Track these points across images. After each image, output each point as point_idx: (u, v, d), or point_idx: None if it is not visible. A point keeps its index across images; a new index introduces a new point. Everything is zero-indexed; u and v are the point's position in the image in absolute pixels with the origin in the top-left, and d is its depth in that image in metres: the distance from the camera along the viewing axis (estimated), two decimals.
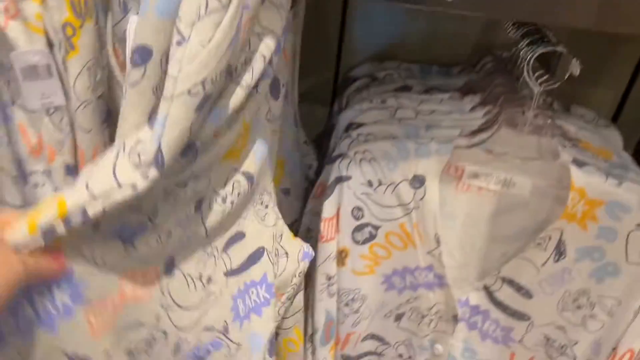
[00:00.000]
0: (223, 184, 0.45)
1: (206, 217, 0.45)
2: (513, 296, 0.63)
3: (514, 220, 0.59)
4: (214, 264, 0.49)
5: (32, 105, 0.39)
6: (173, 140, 0.35)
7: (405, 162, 0.58)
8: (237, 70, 0.40)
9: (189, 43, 0.33)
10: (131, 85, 0.35)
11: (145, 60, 0.35)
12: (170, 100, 0.34)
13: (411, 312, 0.68)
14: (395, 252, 0.64)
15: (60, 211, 0.34)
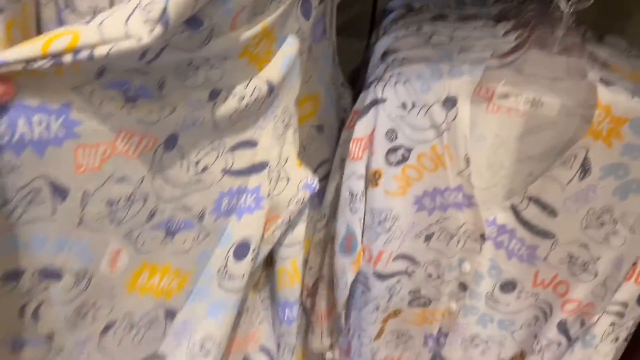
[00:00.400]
0: (242, 83, 0.49)
1: (217, 108, 0.49)
2: (539, 215, 0.66)
3: (541, 140, 0.62)
4: (215, 157, 0.53)
5: None
6: (180, 2, 0.38)
7: (438, 83, 0.61)
8: None
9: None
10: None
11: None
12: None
13: (440, 232, 0.72)
14: (426, 173, 0.67)
15: (72, 43, 0.37)
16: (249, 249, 0.58)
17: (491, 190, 0.68)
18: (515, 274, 0.72)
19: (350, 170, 0.67)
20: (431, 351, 0.86)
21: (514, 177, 0.66)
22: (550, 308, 0.73)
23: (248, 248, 0.58)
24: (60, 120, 0.40)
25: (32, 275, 0.44)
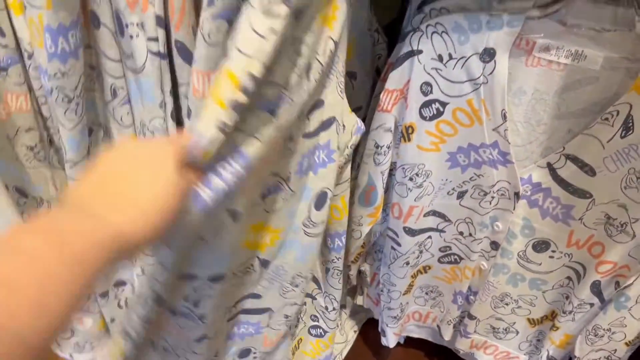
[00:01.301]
0: (320, 46, 0.49)
1: (309, 81, 0.49)
2: (576, 173, 0.64)
3: (582, 95, 0.60)
4: (298, 126, 0.54)
5: None
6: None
7: (476, 34, 0.59)
8: None
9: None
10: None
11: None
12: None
13: (474, 189, 0.71)
14: (461, 129, 0.66)
15: (235, 82, 0.38)
16: (327, 198, 0.62)
17: (527, 147, 0.66)
18: (549, 233, 0.71)
19: (378, 122, 0.67)
20: (460, 308, 0.86)
21: (552, 134, 0.64)
22: (583, 269, 0.72)
23: (326, 197, 0.62)
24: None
25: None
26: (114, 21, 0.50)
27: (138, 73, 0.50)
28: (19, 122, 0.56)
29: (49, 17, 0.44)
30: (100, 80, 0.54)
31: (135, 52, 0.49)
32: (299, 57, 0.45)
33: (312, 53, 0.48)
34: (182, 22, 0.48)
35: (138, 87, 0.52)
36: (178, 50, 0.50)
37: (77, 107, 0.51)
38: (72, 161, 0.55)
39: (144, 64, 0.49)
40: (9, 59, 0.52)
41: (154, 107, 0.51)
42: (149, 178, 0.34)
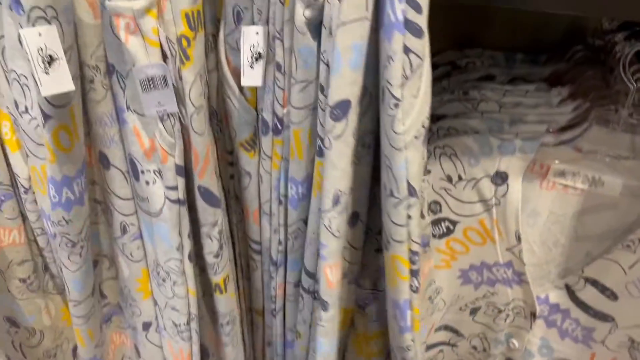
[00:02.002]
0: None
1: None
2: (597, 297, 0.61)
3: (601, 220, 0.57)
4: None
5: (148, 113, 0.43)
6: (417, 174, 0.41)
7: (487, 158, 0.57)
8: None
9: (403, 101, 0.37)
10: (336, 138, 0.40)
11: (346, 112, 0.39)
12: (405, 150, 0.39)
13: (487, 306, 0.68)
14: (473, 247, 0.63)
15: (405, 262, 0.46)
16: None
17: (544, 267, 0.63)
18: (569, 354, 0.66)
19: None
20: None
21: (570, 256, 0.61)
22: None
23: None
24: None
25: None
26: (126, 164, 0.48)
27: (154, 217, 0.48)
28: (11, 255, 0.54)
29: (53, 169, 0.43)
30: (108, 216, 0.52)
31: (151, 197, 0.47)
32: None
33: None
34: (206, 170, 0.47)
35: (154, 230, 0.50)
36: (202, 195, 0.48)
37: (82, 250, 0.49)
38: (76, 301, 0.53)
39: (160, 209, 0.47)
40: (2, 195, 0.50)
41: (170, 249, 0.49)
42: None
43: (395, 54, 0.37)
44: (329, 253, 0.46)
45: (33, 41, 0.36)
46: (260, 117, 0.48)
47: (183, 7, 0.39)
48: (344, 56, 0.38)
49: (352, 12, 0.36)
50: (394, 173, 0.40)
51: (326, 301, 0.47)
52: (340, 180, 0.43)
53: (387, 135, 0.39)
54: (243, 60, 0.43)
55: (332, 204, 0.44)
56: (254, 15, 0.42)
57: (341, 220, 0.45)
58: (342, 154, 0.41)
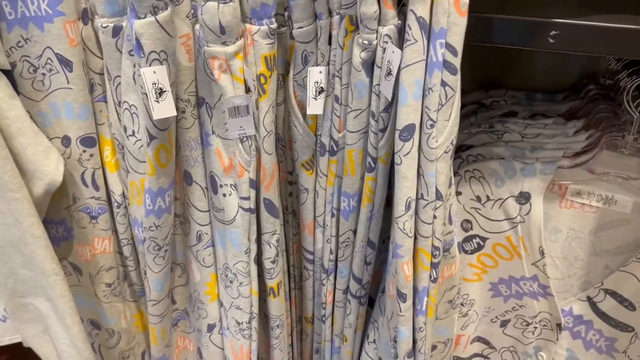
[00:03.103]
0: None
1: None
2: (616, 307, 0.66)
3: (616, 235, 0.64)
4: None
5: (232, 135, 0.53)
6: (444, 182, 0.50)
7: (511, 180, 0.65)
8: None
9: (437, 123, 0.48)
10: (405, 155, 0.49)
11: (412, 134, 0.49)
12: (436, 162, 0.49)
13: (516, 319, 0.74)
14: (501, 262, 0.70)
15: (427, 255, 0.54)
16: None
17: (567, 281, 0.69)
18: None
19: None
20: None
21: (590, 269, 0.67)
22: None
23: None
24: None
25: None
26: (206, 180, 0.58)
27: (227, 225, 0.57)
28: (102, 262, 0.63)
29: (151, 181, 0.53)
30: (186, 227, 0.62)
31: (226, 207, 0.57)
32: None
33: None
34: (271, 184, 0.56)
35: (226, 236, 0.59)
36: (266, 206, 0.58)
37: (165, 253, 0.58)
38: (155, 300, 0.61)
39: (234, 217, 0.56)
40: (100, 209, 0.60)
41: (239, 253, 0.58)
42: None
43: (435, 86, 0.46)
44: (405, 251, 0.53)
45: (150, 77, 0.47)
46: (319, 141, 0.58)
47: (263, 52, 0.50)
48: (409, 90, 0.47)
49: (414, 57, 0.46)
50: (426, 180, 0.49)
51: (405, 293, 0.55)
52: (410, 190, 0.51)
53: (422, 150, 0.48)
54: (309, 93, 0.53)
55: (405, 209, 0.52)
56: (317, 57, 0.53)
57: (412, 223, 0.53)
58: (410, 167, 0.50)
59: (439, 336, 0.68)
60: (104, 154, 0.60)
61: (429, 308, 0.57)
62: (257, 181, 0.55)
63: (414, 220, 0.52)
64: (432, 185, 0.50)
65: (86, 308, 0.66)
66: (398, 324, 0.57)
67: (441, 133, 0.48)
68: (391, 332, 0.60)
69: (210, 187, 0.57)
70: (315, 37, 0.52)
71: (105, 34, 0.51)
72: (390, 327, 0.60)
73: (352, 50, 0.50)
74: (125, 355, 0.72)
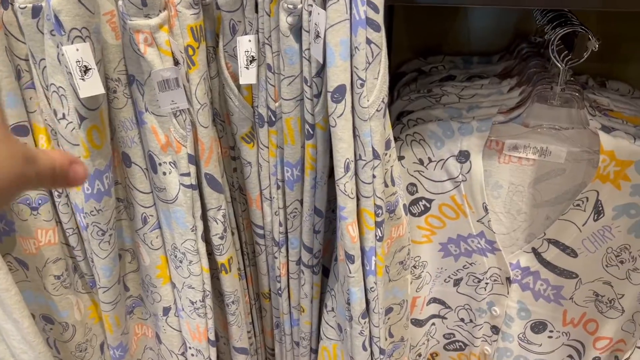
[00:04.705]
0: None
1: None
2: (560, 256, 0.69)
3: (553, 185, 0.66)
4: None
5: (165, 111, 0.52)
6: (380, 141, 0.51)
7: (450, 140, 0.66)
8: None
9: (366, 82, 0.48)
10: (338, 116, 0.50)
11: (343, 95, 0.49)
12: (369, 121, 0.50)
13: (468, 277, 0.76)
14: (448, 221, 0.72)
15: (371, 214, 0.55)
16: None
17: (512, 235, 0.72)
18: (544, 314, 0.74)
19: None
20: None
21: (532, 221, 0.70)
22: (582, 346, 0.74)
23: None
24: None
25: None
26: (145, 160, 0.57)
27: (170, 204, 0.57)
28: (48, 254, 0.62)
29: (87, 164, 0.52)
30: (130, 211, 0.61)
31: (168, 186, 0.56)
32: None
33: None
34: (210, 159, 0.56)
35: (170, 216, 0.58)
36: (208, 181, 0.57)
37: (110, 238, 0.58)
38: (105, 287, 0.61)
39: (176, 195, 0.56)
40: (40, 199, 0.59)
41: (185, 231, 0.58)
42: None
43: (360, 45, 0.47)
44: (348, 213, 0.54)
45: (72, 55, 0.46)
46: (257, 112, 0.58)
47: (188, 22, 0.50)
48: (336, 50, 0.47)
49: (337, 16, 0.46)
50: (362, 140, 0.50)
51: (352, 255, 0.56)
52: (347, 151, 0.51)
53: (355, 110, 0.49)
54: (240, 63, 0.53)
55: (344, 171, 0.52)
56: (245, 26, 0.52)
57: (352, 184, 0.53)
58: (345, 128, 0.50)
59: (393, 298, 0.69)
60: (39, 142, 0.58)
61: (377, 267, 0.58)
62: (196, 156, 0.55)
63: (355, 181, 0.53)
64: (368, 144, 0.51)
65: (37, 303, 0.65)
66: (349, 286, 0.58)
67: (371, 92, 0.49)
68: (345, 295, 0.61)
69: (150, 166, 0.57)
70: (242, 6, 0.52)
71: (24, 15, 0.49)
72: (343, 291, 0.61)
73: (278, 16, 0.50)
74: (82, 348, 0.70)
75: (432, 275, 0.77)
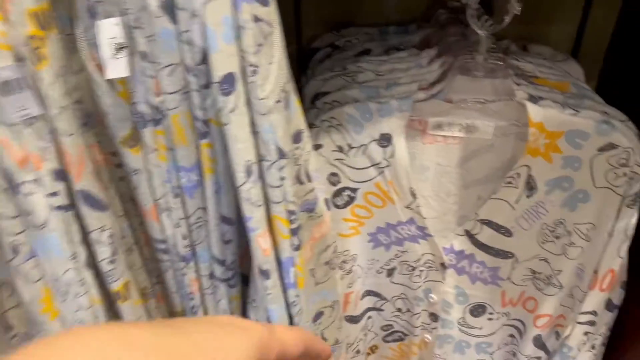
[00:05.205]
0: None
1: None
2: (494, 236, 0.65)
3: (482, 163, 0.62)
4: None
5: (11, 120, 0.41)
6: (284, 137, 0.44)
7: (370, 123, 0.59)
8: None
9: (260, 68, 0.40)
10: (231, 111, 0.41)
11: (233, 85, 0.41)
12: (269, 114, 0.42)
13: (401, 266, 0.71)
14: (376, 210, 0.66)
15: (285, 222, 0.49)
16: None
17: (443, 218, 0.67)
18: (482, 296, 0.71)
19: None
20: None
21: (463, 202, 0.65)
22: (523, 325, 0.72)
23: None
24: None
25: None
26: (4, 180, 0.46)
27: (40, 229, 0.47)
28: None
29: None
30: None
31: (34, 209, 0.46)
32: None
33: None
34: (82, 172, 0.46)
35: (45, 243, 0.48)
36: (84, 199, 0.47)
37: None
38: None
39: (45, 219, 0.46)
40: None
41: (64, 260, 0.48)
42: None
43: (247, 23, 0.38)
44: (257, 223, 0.46)
45: None
46: (136, 111, 0.48)
47: (28, 6, 0.39)
48: (217, 31, 0.39)
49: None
50: (263, 137, 0.42)
51: (267, 269, 0.48)
52: (246, 151, 0.43)
53: (251, 103, 0.41)
54: (104, 53, 0.43)
55: (245, 175, 0.44)
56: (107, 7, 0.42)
57: (258, 190, 0.46)
58: (241, 125, 0.42)
59: (323, 301, 0.63)
60: None
61: (297, 279, 0.51)
62: (64, 171, 0.45)
63: (260, 185, 0.45)
64: (270, 142, 0.43)
65: None
66: (267, 304, 0.51)
67: (267, 80, 0.41)
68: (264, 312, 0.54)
69: (10, 187, 0.46)
70: None
71: None
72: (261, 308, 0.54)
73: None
74: None
75: (364, 268, 0.71)
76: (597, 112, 0.56)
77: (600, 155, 0.56)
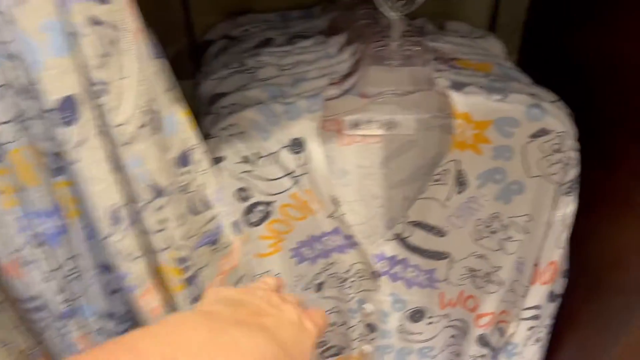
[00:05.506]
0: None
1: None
2: (426, 238, 0.59)
3: (407, 161, 0.55)
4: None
5: None
6: (161, 169, 0.35)
7: (277, 127, 0.51)
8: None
9: (110, 85, 0.31)
10: (79, 145, 0.32)
11: (76, 111, 0.31)
12: (133, 144, 0.33)
13: (330, 279, 0.64)
14: (295, 223, 0.58)
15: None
16: None
17: (370, 223, 0.60)
18: (420, 301, 0.65)
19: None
20: None
21: (390, 205, 0.58)
22: (465, 325, 0.67)
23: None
24: None
25: None
26: None
27: None
28: None
29: None
30: None
31: None
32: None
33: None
34: None
35: None
36: None
37: None
38: None
39: None
40: None
41: None
42: None
43: (83, 28, 0.29)
44: (137, 280, 0.38)
45: None
46: None
47: None
48: (40, 41, 0.29)
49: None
50: (129, 173, 0.33)
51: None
52: (108, 194, 0.34)
53: (105, 132, 0.31)
54: None
55: (112, 223, 0.35)
56: None
57: (132, 238, 0.37)
58: (95, 162, 0.33)
59: None
60: None
61: None
62: None
63: (134, 234, 0.36)
64: (141, 179, 0.33)
65: None
66: None
67: (123, 99, 0.31)
68: None
69: None
70: None
71: None
72: None
73: None
74: None
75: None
76: (526, 94, 0.50)
77: (533, 142, 0.51)
